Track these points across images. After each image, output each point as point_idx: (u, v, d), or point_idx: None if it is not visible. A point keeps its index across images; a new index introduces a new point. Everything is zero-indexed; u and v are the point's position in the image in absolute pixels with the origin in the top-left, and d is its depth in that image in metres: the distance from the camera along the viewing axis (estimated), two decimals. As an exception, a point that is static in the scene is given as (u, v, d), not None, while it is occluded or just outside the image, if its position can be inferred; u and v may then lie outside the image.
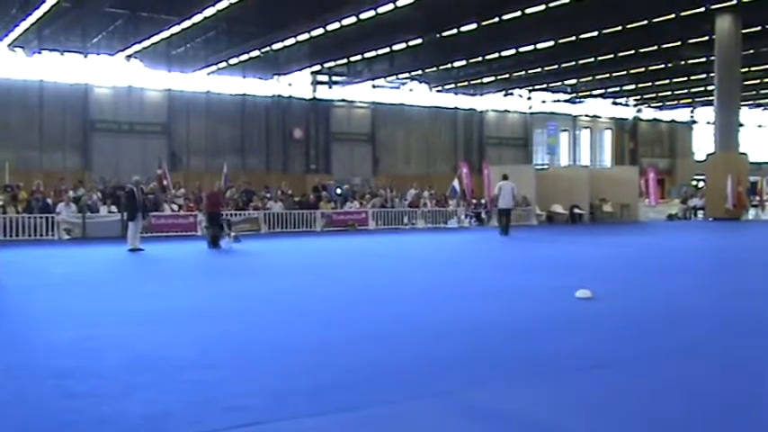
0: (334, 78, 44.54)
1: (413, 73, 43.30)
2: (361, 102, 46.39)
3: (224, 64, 37.54)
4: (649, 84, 48.53)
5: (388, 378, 5.44)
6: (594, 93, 52.90)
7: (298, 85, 43.36)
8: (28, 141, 35.64)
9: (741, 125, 34.98)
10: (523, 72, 43.47)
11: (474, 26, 31.11)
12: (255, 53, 35.90)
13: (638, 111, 59.50)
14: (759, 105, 58.42)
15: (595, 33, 33.07)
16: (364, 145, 46.63)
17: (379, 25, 30.58)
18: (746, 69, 35.95)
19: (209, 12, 27.93)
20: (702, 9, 30.04)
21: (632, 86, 49.74)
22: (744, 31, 31.92)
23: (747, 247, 19.56)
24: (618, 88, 50.63)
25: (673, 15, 30.30)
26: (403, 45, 35.02)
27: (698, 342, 6.86)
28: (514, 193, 23.51)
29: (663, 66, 41.43)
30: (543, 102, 54.35)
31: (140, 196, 18.19)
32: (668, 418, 4.48)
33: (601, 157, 58.08)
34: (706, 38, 33.44)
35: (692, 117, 62.17)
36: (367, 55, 37.65)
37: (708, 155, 34.90)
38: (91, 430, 4.30)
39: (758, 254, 17.35)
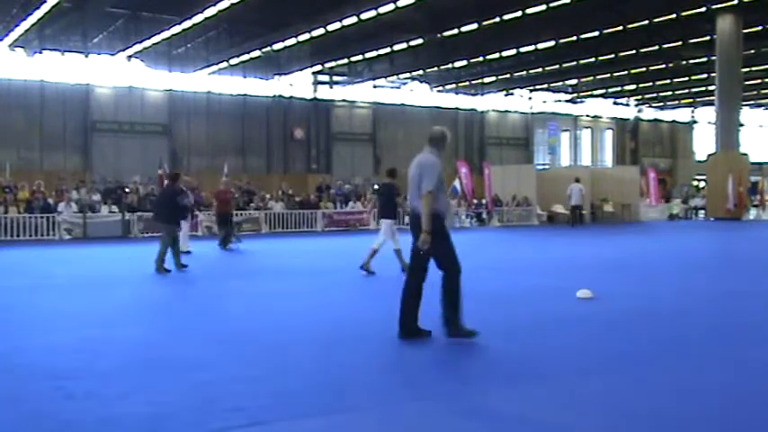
0: (335, 78, 44.52)
1: (414, 73, 43.27)
2: (362, 102, 46.38)
3: (225, 64, 37.53)
4: (650, 84, 48.49)
5: (389, 379, 5.43)
6: (595, 93, 52.85)
7: (299, 85, 43.34)
8: (29, 142, 35.64)
9: (742, 125, 34.97)
10: (524, 72, 43.42)
11: (475, 26, 31.08)
12: (256, 53, 35.88)
13: (639, 111, 59.45)
14: (760, 105, 58.35)
15: (596, 33, 33.03)
16: (365, 145, 46.62)
17: (379, 25, 30.58)
18: (747, 69, 35.92)
19: (210, 12, 27.92)
20: (703, 9, 30.01)
21: (633, 86, 49.70)
22: (745, 31, 31.91)
23: (749, 248, 19.55)
24: (619, 88, 50.57)
25: (674, 15, 30.27)
26: (404, 45, 35.00)
27: (699, 342, 6.85)
28: (582, 193, 28.20)
29: (664, 66, 41.39)
30: (544, 102, 54.32)
31: (190, 196, 18.13)
32: (669, 419, 4.48)
33: (602, 157, 58.04)
34: (707, 38, 33.42)
35: (692, 117, 62.12)
36: (368, 55, 37.62)
37: (709, 155, 34.89)
38: (92, 431, 4.30)
39: (760, 255, 17.34)
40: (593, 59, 38.91)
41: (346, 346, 6.68)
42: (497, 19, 29.72)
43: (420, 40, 34.27)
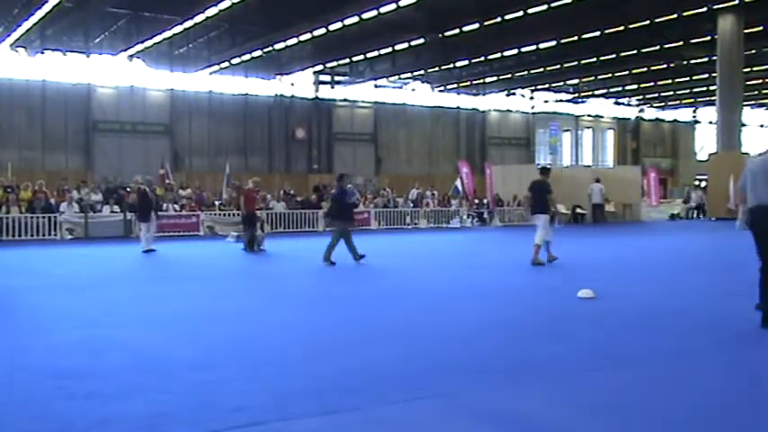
0: (337, 78, 44.54)
1: (415, 73, 43.26)
2: (363, 101, 46.40)
3: (226, 64, 37.55)
4: (651, 84, 48.47)
5: (390, 379, 5.43)
6: (597, 93, 52.84)
7: (300, 84, 43.37)
8: (30, 141, 35.70)
9: (743, 125, 34.89)
10: (526, 72, 43.42)
11: (476, 26, 31.08)
12: (258, 53, 35.90)
13: (641, 111, 59.44)
14: (761, 105, 58.31)
15: (597, 33, 33.02)
16: (367, 145, 46.63)
17: (381, 25, 30.59)
18: (748, 69, 35.87)
19: (212, 11, 27.96)
20: (704, 9, 29.96)
21: (634, 86, 49.69)
22: (746, 30, 31.84)
23: (750, 248, 19.49)
24: (620, 88, 50.57)
25: (675, 15, 30.24)
26: (405, 45, 35.00)
27: (700, 342, 6.86)
28: (603, 192, 30.18)
29: (665, 66, 41.38)
30: (546, 102, 54.32)
31: (153, 196, 18.13)
32: (671, 419, 4.48)
33: (603, 157, 58.04)
34: (708, 38, 33.38)
35: (694, 117, 62.10)
36: (369, 55, 37.62)
37: (710, 155, 34.85)
38: (92, 431, 4.31)
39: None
40: (594, 59, 38.91)
41: (346, 347, 6.69)
42: (499, 19, 29.72)
43: (421, 40, 34.28)
